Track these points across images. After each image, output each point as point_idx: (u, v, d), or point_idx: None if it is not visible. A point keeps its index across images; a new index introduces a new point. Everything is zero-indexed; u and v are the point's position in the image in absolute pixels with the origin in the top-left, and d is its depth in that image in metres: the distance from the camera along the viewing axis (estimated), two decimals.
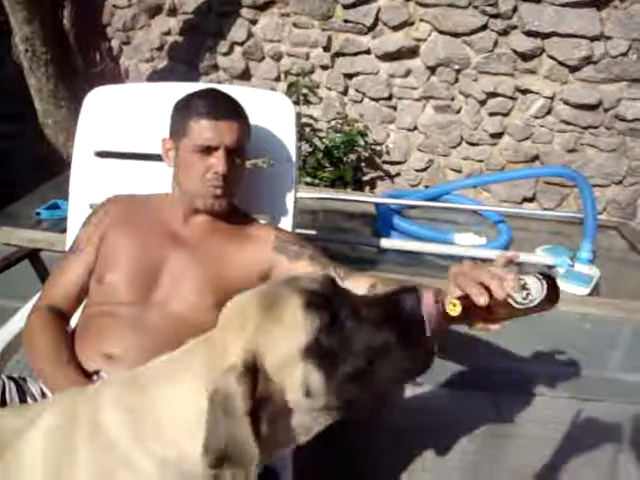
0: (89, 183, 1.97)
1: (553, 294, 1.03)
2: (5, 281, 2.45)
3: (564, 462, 2.24)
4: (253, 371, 0.87)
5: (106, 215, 1.67)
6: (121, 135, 1.97)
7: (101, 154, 1.98)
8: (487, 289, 1.01)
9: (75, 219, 1.94)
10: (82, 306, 1.65)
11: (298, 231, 1.95)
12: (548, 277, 1.04)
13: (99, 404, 0.97)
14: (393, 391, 1.00)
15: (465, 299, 1.02)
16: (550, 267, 2.66)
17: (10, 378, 1.49)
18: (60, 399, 1.08)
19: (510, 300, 1.01)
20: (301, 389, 0.90)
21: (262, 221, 1.75)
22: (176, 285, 1.55)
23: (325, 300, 0.93)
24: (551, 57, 3.64)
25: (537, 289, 1.02)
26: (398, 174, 4.13)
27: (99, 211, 1.69)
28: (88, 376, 1.43)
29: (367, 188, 4.14)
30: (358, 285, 1.42)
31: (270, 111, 1.89)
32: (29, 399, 1.46)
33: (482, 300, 1.00)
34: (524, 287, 1.02)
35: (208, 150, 1.55)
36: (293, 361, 0.89)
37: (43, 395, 1.48)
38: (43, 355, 1.48)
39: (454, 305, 1.01)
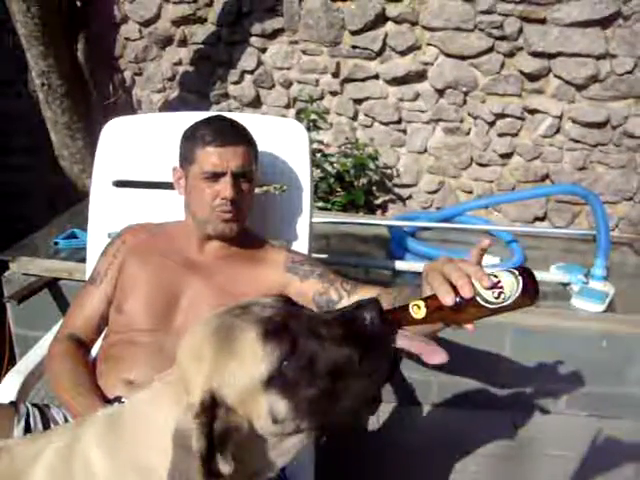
0: (107, 212, 2.01)
1: (530, 291, 0.97)
2: (25, 310, 2.50)
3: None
4: (211, 409, 0.85)
5: (123, 245, 1.70)
6: (139, 164, 2.01)
7: (119, 184, 2.02)
8: (455, 288, 0.97)
9: (94, 248, 1.97)
10: (103, 335, 1.68)
11: (313, 256, 1.97)
12: (525, 272, 0.98)
13: (86, 443, 0.97)
14: (364, 403, 0.98)
15: (434, 299, 0.98)
16: (565, 285, 2.66)
17: (34, 405, 1.51)
18: (62, 432, 1.08)
19: (480, 300, 0.96)
20: (268, 418, 0.88)
21: (275, 243, 1.77)
22: (193, 311, 1.58)
23: (282, 327, 0.90)
24: (558, 77, 3.67)
25: (511, 287, 0.96)
26: (409, 197, 4.15)
27: (116, 241, 1.73)
28: (110, 403, 1.45)
29: (379, 211, 4.16)
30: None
31: (283, 137, 1.92)
32: (52, 426, 1.48)
33: (448, 300, 0.95)
34: (496, 285, 0.96)
35: (215, 176, 1.57)
36: (256, 393, 0.87)
37: (66, 421, 1.50)
38: (65, 384, 1.51)
39: (418, 307, 0.97)
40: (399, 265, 2.70)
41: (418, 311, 0.97)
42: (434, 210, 4.07)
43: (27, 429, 1.43)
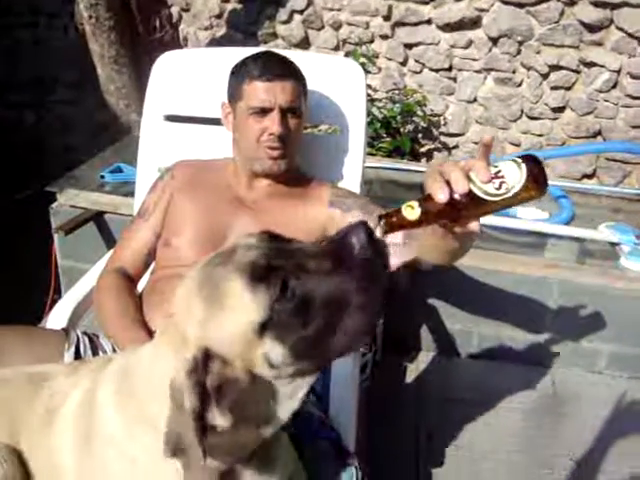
0: (157, 147, 2.00)
1: (536, 179, 0.89)
2: (71, 242, 2.53)
3: (621, 442, 2.20)
4: (204, 364, 0.84)
5: (173, 180, 1.69)
6: (190, 99, 1.99)
7: (170, 118, 2.00)
8: (449, 183, 0.90)
9: (143, 182, 1.97)
10: (150, 269, 1.68)
11: None
12: (529, 159, 0.90)
13: (103, 394, 0.98)
14: (362, 332, 0.92)
15: (429, 198, 0.91)
16: (614, 244, 2.61)
17: (84, 333, 1.53)
18: (92, 370, 1.08)
19: (479, 192, 0.89)
20: (265, 364, 0.86)
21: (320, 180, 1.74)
22: None
23: (268, 269, 0.86)
24: (620, 28, 3.51)
25: (514, 176, 0.88)
26: (456, 146, 4.07)
27: (166, 176, 1.72)
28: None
29: (424, 159, 4.09)
30: None
31: (339, 77, 1.87)
32: (101, 354, 1.51)
33: (441, 196, 0.89)
34: (497, 175, 0.89)
35: (263, 112, 1.55)
36: (251, 342, 0.85)
37: (114, 352, 1.51)
38: (111, 316, 1.53)
39: (411, 207, 0.90)
40: None
41: (412, 211, 0.91)
42: None
43: (77, 356, 1.45)
